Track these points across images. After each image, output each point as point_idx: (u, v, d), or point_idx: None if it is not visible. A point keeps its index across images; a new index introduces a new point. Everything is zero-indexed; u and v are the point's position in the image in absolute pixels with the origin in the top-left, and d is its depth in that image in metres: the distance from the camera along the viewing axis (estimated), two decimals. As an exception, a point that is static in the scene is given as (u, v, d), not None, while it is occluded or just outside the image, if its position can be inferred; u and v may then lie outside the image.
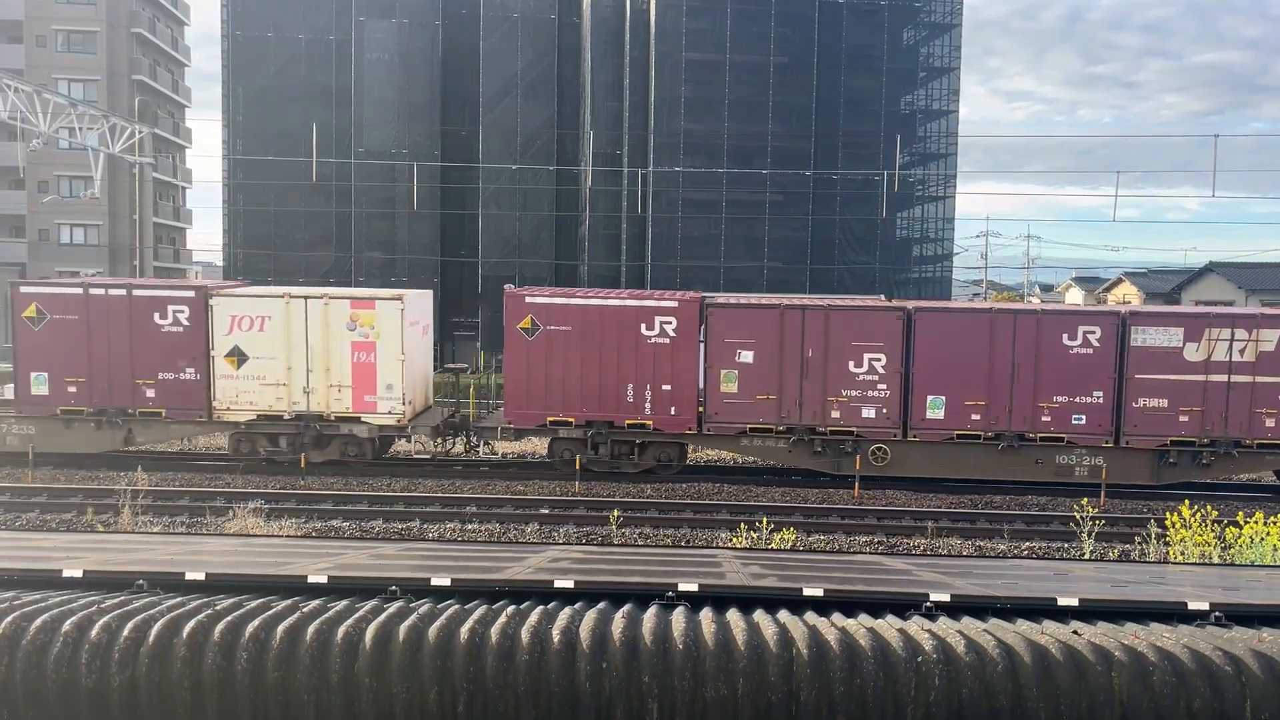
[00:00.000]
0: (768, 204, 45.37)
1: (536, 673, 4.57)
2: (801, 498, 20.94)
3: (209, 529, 17.19)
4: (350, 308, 21.70)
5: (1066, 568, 8.98)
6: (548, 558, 6.88)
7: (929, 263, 50.63)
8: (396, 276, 45.87)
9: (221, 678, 4.61)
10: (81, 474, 21.72)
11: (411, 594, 5.25)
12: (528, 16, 46.22)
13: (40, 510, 18.48)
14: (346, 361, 21.67)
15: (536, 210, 47.16)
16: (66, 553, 6.77)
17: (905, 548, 17.38)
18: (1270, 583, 7.41)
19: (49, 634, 4.70)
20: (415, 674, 4.59)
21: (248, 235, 46.89)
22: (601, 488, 21.56)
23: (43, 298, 21.94)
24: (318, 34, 46.27)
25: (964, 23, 48.73)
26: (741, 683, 4.52)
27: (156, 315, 21.78)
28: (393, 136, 46.12)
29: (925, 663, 4.56)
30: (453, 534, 17.80)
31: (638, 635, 4.68)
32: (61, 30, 56.26)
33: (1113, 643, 4.70)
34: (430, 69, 46.46)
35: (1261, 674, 4.53)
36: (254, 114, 46.31)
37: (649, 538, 17.73)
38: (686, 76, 44.68)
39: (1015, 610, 5.29)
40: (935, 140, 49.61)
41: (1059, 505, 20.32)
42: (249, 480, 21.51)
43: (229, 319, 21.67)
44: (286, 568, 6.08)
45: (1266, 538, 12.57)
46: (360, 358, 21.68)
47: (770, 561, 7.33)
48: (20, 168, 48.22)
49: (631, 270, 45.79)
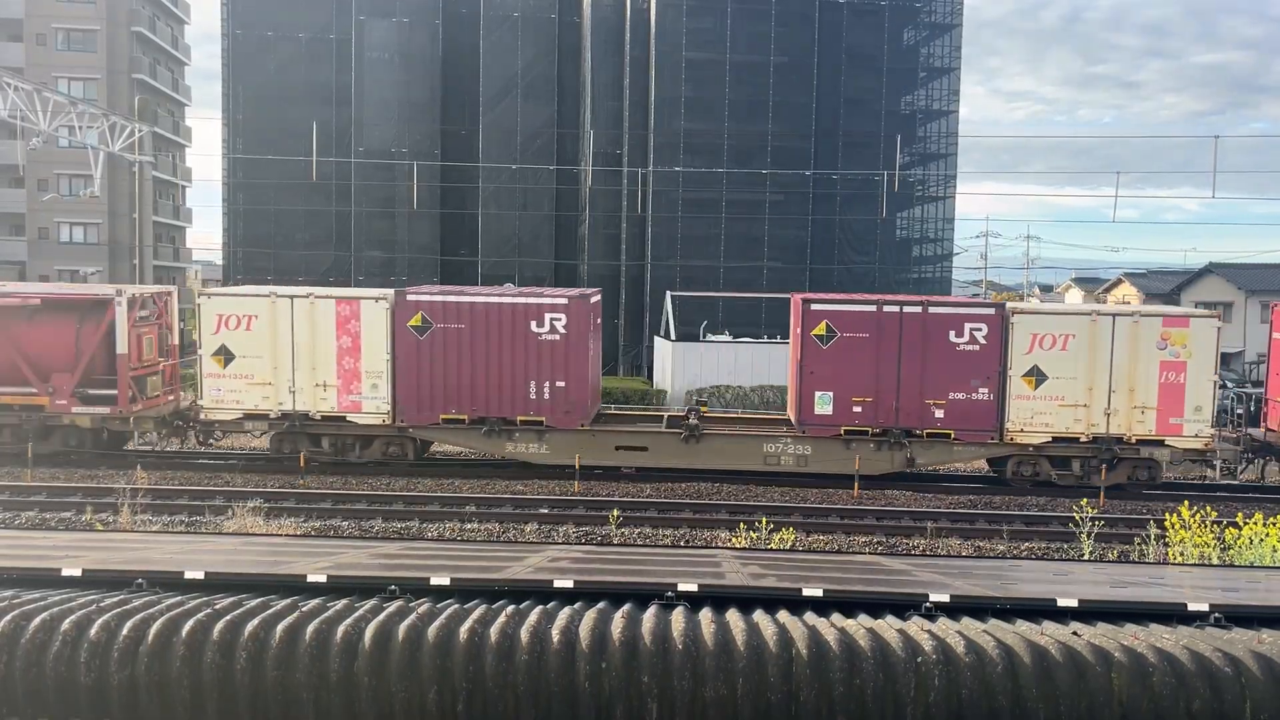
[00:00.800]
0: (767, 204, 45.33)
1: (536, 672, 4.57)
2: (801, 498, 20.94)
3: (208, 528, 17.19)
4: (1161, 325, 21.07)
5: (1066, 568, 8.98)
6: (547, 557, 6.88)
7: (929, 263, 50.60)
8: (396, 276, 45.85)
9: (221, 677, 4.60)
10: (80, 473, 21.71)
11: (411, 593, 5.24)
12: (528, 16, 46.20)
13: (40, 509, 18.47)
14: (1153, 383, 21.06)
15: (536, 210, 47.13)
16: (66, 551, 6.76)
17: (905, 548, 17.38)
18: (1270, 584, 7.42)
19: (48, 632, 4.70)
20: (414, 673, 4.59)
21: (247, 234, 46.84)
22: (601, 487, 21.57)
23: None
24: (318, 33, 46.24)
25: (964, 23, 48.73)
26: (741, 683, 4.52)
27: (952, 333, 21.40)
28: (393, 136, 46.09)
29: (925, 663, 4.55)
30: (452, 533, 17.80)
31: (637, 635, 4.68)
32: (62, 28, 56.22)
33: (1112, 643, 4.70)
34: (430, 68, 46.43)
35: (1261, 675, 4.53)
36: (254, 113, 46.26)
37: (648, 538, 17.73)
38: (686, 76, 44.64)
39: (1015, 611, 5.29)
40: (935, 140, 49.58)
41: (1058, 506, 20.32)
42: (248, 479, 21.50)
43: (1029, 337, 21.10)
44: (286, 567, 6.08)
45: (1266, 539, 12.58)
46: (1169, 377, 21.03)
47: (770, 561, 7.33)
48: (20, 166, 48.23)
49: (631, 270, 45.77)
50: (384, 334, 21.67)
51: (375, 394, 21.74)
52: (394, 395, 21.75)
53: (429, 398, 21.73)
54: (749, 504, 20.06)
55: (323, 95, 45.83)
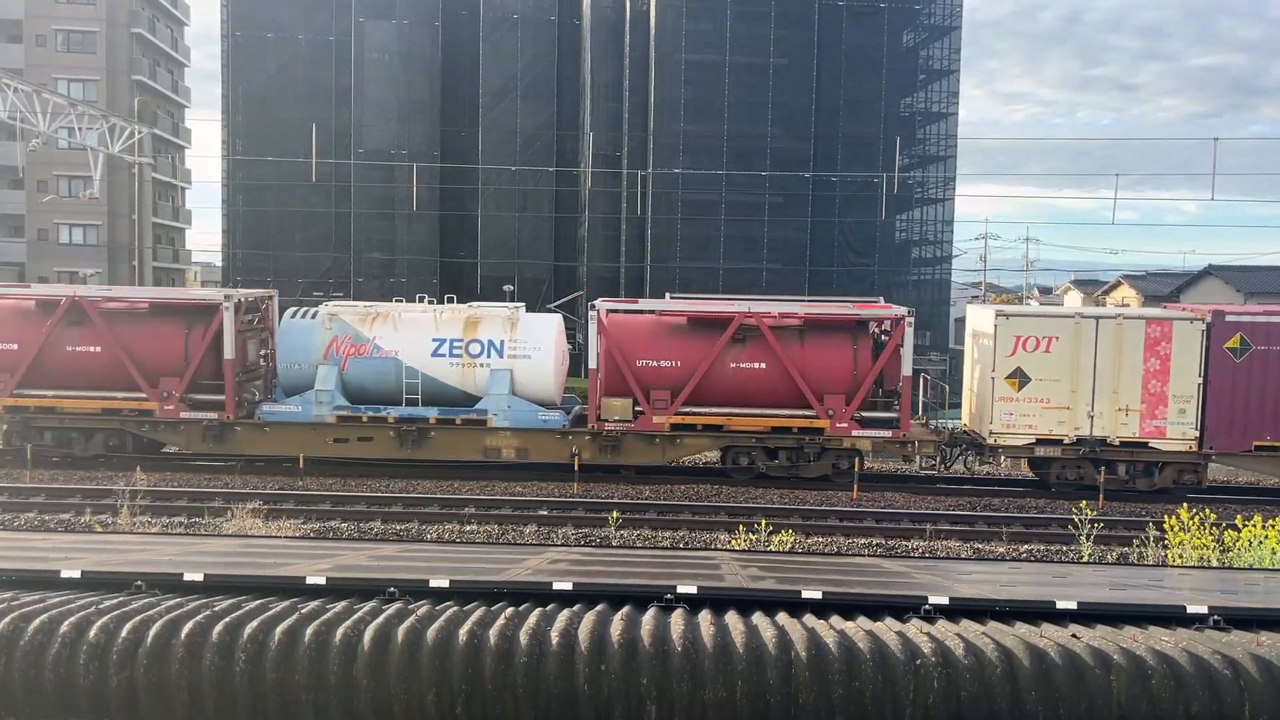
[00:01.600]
0: (767, 205, 45.34)
1: (535, 675, 4.57)
2: (800, 500, 20.94)
3: (207, 529, 17.18)
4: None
5: (1065, 571, 8.99)
6: (546, 559, 6.88)
7: (928, 265, 50.59)
8: (395, 277, 45.85)
9: (219, 679, 4.60)
10: (80, 474, 21.70)
11: (410, 595, 5.25)
12: (528, 17, 46.22)
13: (39, 510, 18.46)
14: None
15: (536, 211, 47.14)
16: (65, 553, 6.76)
17: (904, 550, 17.37)
18: (1269, 586, 7.42)
19: (47, 634, 4.70)
20: (413, 675, 4.59)
21: (247, 235, 46.83)
22: (600, 489, 21.58)
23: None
24: (317, 34, 46.23)
25: (963, 25, 48.75)
26: (740, 685, 4.52)
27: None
28: (392, 137, 46.08)
29: (924, 665, 4.56)
30: (451, 535, 17.79)
31: (636, 637, 4.68)
32: (61, 30, 56.21)
33: (1111, 646, 4.70)
34: (430, 69, 46.43)
35: (1260, 677, 4.53)
36: (254, 114, 46.26)
37: (648, 539, 17.72)
38: (686, 78, 44.66)
39: (1014, 613, 5.29)
40: (935, 142, 49.62)
41: (1057, 508, 20.33)
42: (247, 481, 21.49)
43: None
44: (285, 569, 6.08)
45: (1265, 541, 12.58)
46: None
47: (769, 564, 7.33)
48: (20, 167, 48.19)
49: (631, 272, 45.79)
50: (1196, 356, 21.04)
51: (1182, 419, 21.19)
52: (1201, 420, 21.18)
53: (1242, 424, 21.21)
54: (748, 506, 20.06)
55: (322, 96, 45.83)
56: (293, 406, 22.55)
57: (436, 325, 22.84)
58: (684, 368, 21.76)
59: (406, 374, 22.45)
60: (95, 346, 22.20)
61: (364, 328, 22.78)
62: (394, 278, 45.81)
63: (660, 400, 21.75)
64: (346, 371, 22.56)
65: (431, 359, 22.55)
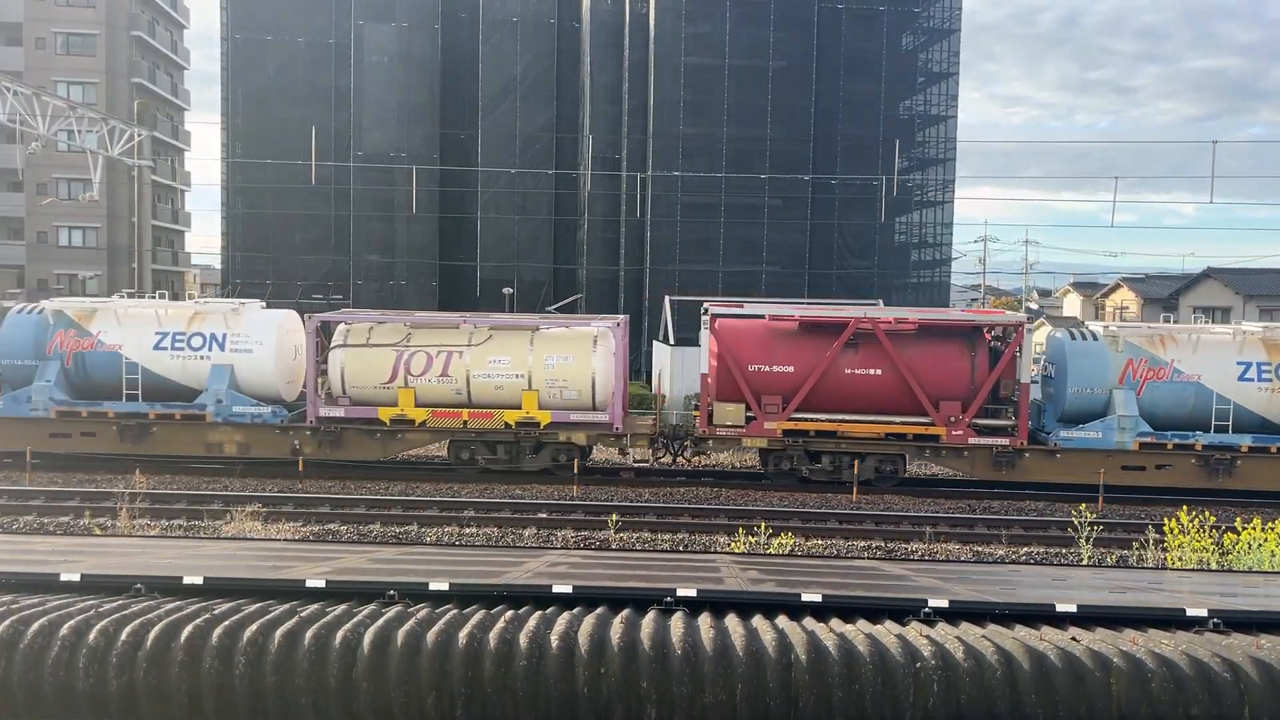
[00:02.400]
0: (766, 208, 45.37)
1: (534, 678, 4.57)
2: (800, 502, 20.93)
3: (206, 532, 17.16)
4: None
5: (1065, 573, 8.99)
6: (546, 562, 6.88)
7: (927, 268, 50.63)
8: (395, 280, 45.86)
9: (219, 682, 4.60)
10: (79, 477, 21.68)
11: (409, 598, 5.24)
12: (527, 19, 46.26)
13: (38, 513, 18.43)
14: None
15: (535, 214, 47.15)
16: (64, 556, 6.76)
17: (903, 553, 17.36)
18: (1268, 589, 7.42)
19: (46, 638, 4.69)
20: (413, 679, 4.58)
21: (246, 238, 46.84)
22: (599, 491, 21.56)
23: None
24: (317, 36, 46.26)
25: (962, 28, 48.81)
26: (740, 688, 4.52)
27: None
28: (392, 139, 46.10)
29: (924, 668, 4.55)
30: (451, 537, 17.77)
31: (636, 640, 4.68)
32: (61, 32, 56.26)
33: (1111, 649, 4.70)
34: (429, 72, 46.46)
35: (1259, 680, 4.53)
36: (253, 117, 46.28)
37: (647, 542, 17.70)
38: (686, 80, 44.69)
39: (1013, 616, 5.29)
40: (934, 145, 49.67)
41: (1057, 510, 20.32)
42: (246, 483, 21.47)
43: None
44: (284, 572, 6.08)
45: (1264, 544, 12.58)
46: None
47: (769, 566, 7.33)
48: (19, 170, 48.20)
49: (630, 274, 45.81)
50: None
51: None
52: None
53: None
54: (748, 508, 20.05)
55: (322, 99, 45.85)
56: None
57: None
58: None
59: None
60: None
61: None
62: (393, 280, 45.84)
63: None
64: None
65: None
